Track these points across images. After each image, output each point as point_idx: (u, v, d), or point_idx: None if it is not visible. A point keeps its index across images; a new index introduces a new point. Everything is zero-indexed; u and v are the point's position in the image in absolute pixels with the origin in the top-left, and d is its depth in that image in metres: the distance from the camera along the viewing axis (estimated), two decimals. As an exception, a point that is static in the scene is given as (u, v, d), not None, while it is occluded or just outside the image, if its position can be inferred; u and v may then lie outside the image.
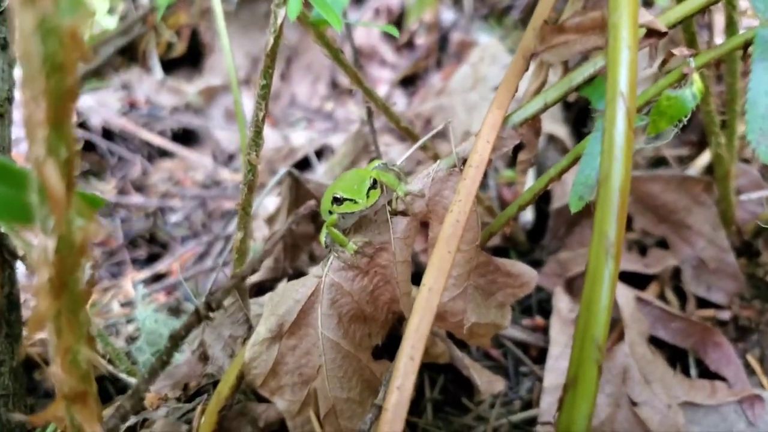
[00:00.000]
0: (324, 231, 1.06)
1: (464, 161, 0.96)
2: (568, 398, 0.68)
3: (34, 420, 0.64)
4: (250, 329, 1.15)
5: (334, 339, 1.05)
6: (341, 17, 1.09)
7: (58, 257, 0.56)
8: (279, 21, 0.83)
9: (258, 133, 0.93)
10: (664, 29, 0.86)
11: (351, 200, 0.96)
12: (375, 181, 0.98)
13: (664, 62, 0.89)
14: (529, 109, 0.97)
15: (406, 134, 1.30)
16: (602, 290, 0.67)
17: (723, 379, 1.32)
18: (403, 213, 1.02)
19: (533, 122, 1.03)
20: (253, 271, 0.71)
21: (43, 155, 0.49)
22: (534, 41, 0.99)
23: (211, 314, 0.68)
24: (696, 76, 0.81)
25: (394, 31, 1.04)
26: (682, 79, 0.84)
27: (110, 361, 1.24)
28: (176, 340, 0.69)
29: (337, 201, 0.98)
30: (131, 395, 0.70)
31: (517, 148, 1.18)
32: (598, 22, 0.91)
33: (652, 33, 0.87)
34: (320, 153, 2.41)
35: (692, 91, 0.80)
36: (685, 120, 0.87)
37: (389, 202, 1.03)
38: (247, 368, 1.05)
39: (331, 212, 1.02)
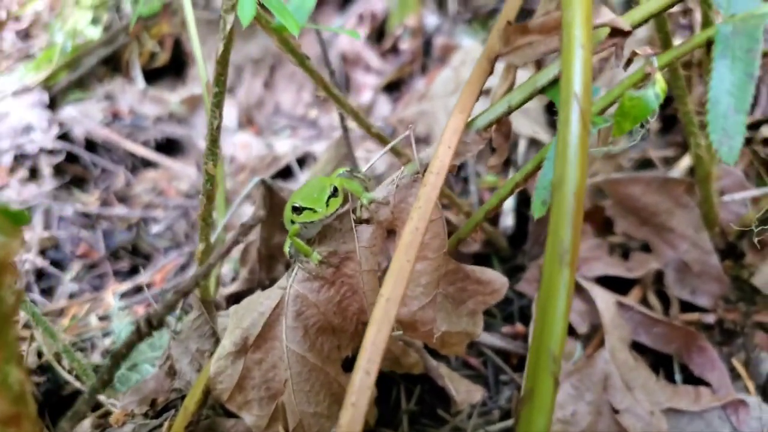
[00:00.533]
0: (288, 241, 1.04)
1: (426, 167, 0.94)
2: (524, 412, 0.65)
3: (-35, 445, 0.61)
4: (217, 342, 1.12)
5: (300, 352, 1.02)
6: (309, 22, 1.07)
7: (-24, 276, 0.53)
8: (228, 27, 0.81)
9: (214, 142, 0.91)
10: (627, 28, 0.83)
11: (310, 209, 0.94)
12: (336, 189, 0.95)
13: (628, 62, 0.87)
14: (492, 113, 0.94)
15: (378, 140, 1.27)
16: (557, 300, 0.64)
17: (707, 384, 1.29)
18: (368, 221, 0.99)
19: (501, 125, 1.00)
20: (195, 285, 0.68)
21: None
22: (498, 43, 0.97)
23: (152, 331, 0.66)
24: (659, 76, 0.78)
25: (356, 35, 1.01)
26: (646, 79, 0.81)
27: (77, 377, 1.22)
28: (117, 359, 0.66)
29: (296, 210, 0.95)
30: (71, 417, 0.67)
31: (489, 153, 1.16)
32: (560, 22, 0.88)
33: (616, 32, 0.84)
34: (303, 161, 2.39)
35: (655, 90, 0.78)
36: (651, 121, 0.84)
37: (354, 210, 1.00)
38: (213, 383, 1.02)
39: (293, 222, 1.00)
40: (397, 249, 0.82)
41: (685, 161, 1.75)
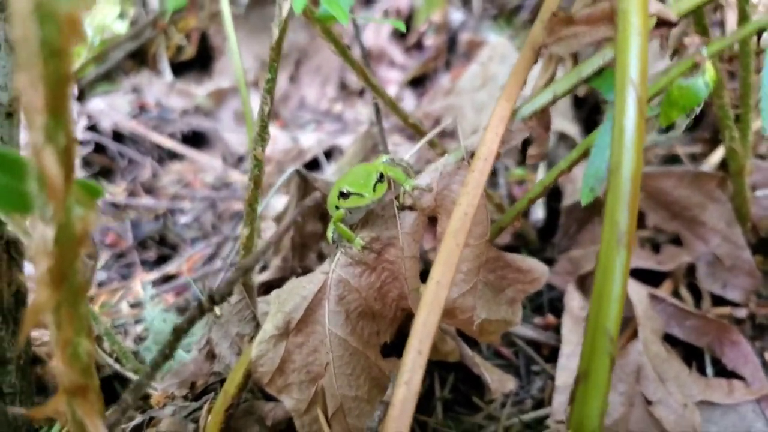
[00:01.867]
0: (331, 227, 1.05)
1: (472, 154, 0.95)
2: (579, 392, 0.66)
3: (35, 414, 0.63)
4: (258, 327, 1.14)
5: (342, 336, 1.03)
6: (349, 14, 1.09)
7: (58, 247, 0.55)
8: (284, 14, 0.82)
9: (264, 128, 0.93)
10: (674, 18, 0.84)
11: (358, 194, 0.95)
12: (382, 175, 0.97)
13: (675, 52, 0.88)
14: (537, 102, 0.95)
15: (415, 131, 1.28)
16: (614, 280, 0.65)
17: (740, 377, 1.29)
18: (411, 208, 1.01)
19: (542, 116, 1.01)
20: (257, 261, 0.70)
21: (41, 142, 0.49)
22: (542, 33, 0.97)
23: (215, 308, 0.67)
24: (708, 65, 0.79)
25: (401, 26, 1.03)
26: (694, 69, 0.82)
27: (117, 360, 1.24)
28: (179, 334, 0.68)
29: (343, 195, 0.97)
30: (133, 389, 0.69)
31: (527, 144, 1.16)
32: (607, 13, 0.89)
33: (662, 23, 0.85)
34: (329, 154, 2.40)
35: (705, 79, 0.78)
36: (697, 111, 0.85)
37: (397, 197, 1.02)
38: (254, 366, 1.04)
39: (337, 207, 1.01)
40: (446, 233, 0.83)
41: (715, 157, 1.75)
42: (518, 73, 0.95)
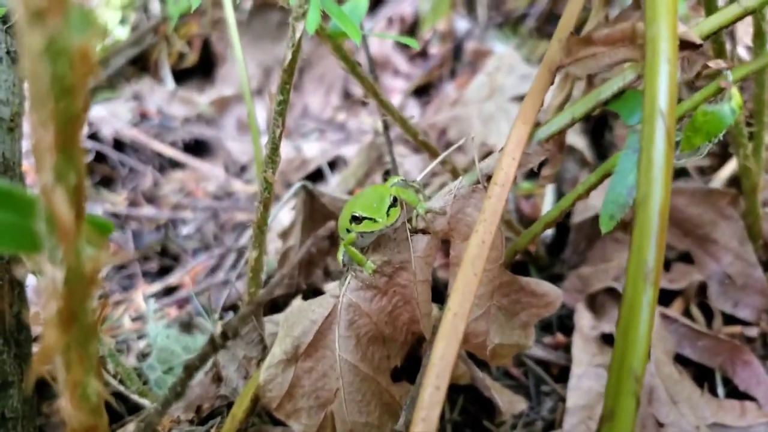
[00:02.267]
0: (341, 249, 1.03)
1: (488, 178, 0.93)
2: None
3: (42, 456, 0.61)
4: (265, 350, 1.12)
5: (352, 361, 1.01)
6: (358, 28, 1.07)
7: (67, 289, 0.52)
8: (297, 35, 0.80)
9: (275, 150, 0.90)
10: (699, 41, 0.82)
11: (370, 219, 0.93)
12: (395, 199, 0.94)
13: (698, 75, 0.85)
14: (555, 124, 0.93)
15: (424, 148, 1.26)
16: (640, 319, 0.63)
17: (753, 399, 1.27)
18: (424, 231, 0.99)
19: (557, 138, 0.99)
20: (271, 295, 0.67)
21: (52, 182, 0.46)
22: (559, 53, 0.95)
23: (227, 343, 0.65)
24: (734, 90, 0.77)
25: (414, 43, 1.00)
26: (718, 94, 0.80)
27: (121, 381, 1.21)
28: (191, 371, 0.66)
29: (356, 220, 0.94)
30: (144, 429, 0.66)
31: (540, 163, 1.15)
32: (627, 34, 0.87)
33: (685, 45, 0.83)
34: (333, 164, 2.38)
35: (731, 106, 0.76)
36: (720, 136, 0.83)
37: (409, 220, 0.99)
38: (262, 391, 1.02)
39: (349, 230, 0.99)
40: (463, 263, 0.81)
41: (725, 172, 1.73)
42: (535, 94, 0.93)
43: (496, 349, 1.05)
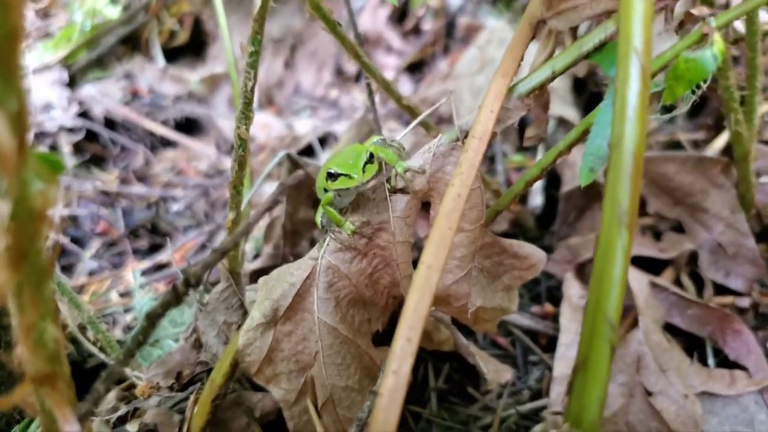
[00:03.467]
0: (320, 210, 1.01)
1: (467, 134, 0.90)
2: (578, 381, 0.62)
3: (0, 403, 0.59)
4: (245, 315, 1.10)
5: (332, 324, 1.00)
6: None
7: (15, 224, 0.51)
8: (266, -19, 0.78)
9: (248, 105, 0.88)
10: (680, -13, 0.79)
11: (346, 175, 0.91)
12: (372, 155, 0.92)
13: (681, 25, 0.83)
14: (535, 78, 0.91)
15: (409, 112, 1.24)
16: (615, 262, 0.61)
17: (742, 368, 1.26)
18: (403, 191, 0.97)
19: (540, 94, 0.97)
20: (236, 243, 0.65)
21: (-11, 106, 0.44)
22: (540, 7, 0.93)
23: (190, 290, 0.63)
24: (717, 36, 0.74)
25: (394, 1, 0.98)
26: (701, 41, 0.78)
27: (102, 350, 1.20)
28: (153, 319, 0.64)
29: (331, 177, 0.92)
30: (105, 378, 0.65)
31: (525, 126, 1.12)
32: (609, -17, 0.85)
33: (667, -8, 0.81)
34: (324, 140, 2.36)
35: (713, 51, 0.74)
36: (704, 87, 0.81)
37: (388, 180, 0.97)
38: (241, 355, 1.00)
39: (326, 190, 0.97)
40: (438, 216, 0.79)
41: (718, 143, 1.71)
42: (515, 48, 0.91)
43: (478, 313, 1.03)
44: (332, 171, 0.92)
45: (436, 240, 0.77)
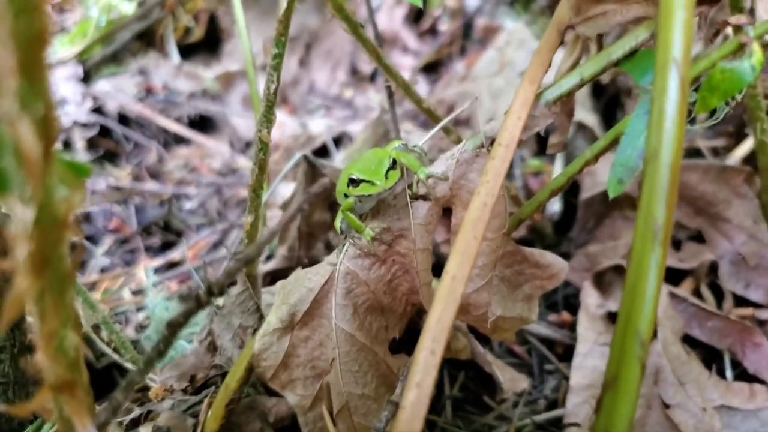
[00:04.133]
0: (339, 216, 1.00)
1: (492, 141, 0.89)
2: (607, 399, 0.61)
3: (18, 411, 0.58)
4: (261, 319, 1.09)
5: (349, 331, 0.98)
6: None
7: (39, 230, 0.49)
8: (293, -18, 0.76)
9: (269, 108, 0.87)
10: (716, -5, 0.78)
11: (368, 182, 0.89)
12: (394, 162, 0.91)
13: (716, 33, 0.81)
14: (563, 86, 0.89)
15: (429, 115, 1.22)
16: (648, 279, 0.59)
17: (762, 381, 1.23)
18: (425, 197, 0.95)
19: (566, 102, 0.95)
20: (259, 252, 0.64)
21: (16, 111, 0.43)
22: (569, 13, 0.91)
23: (213, 300, 0.62)
24: (756, 46, 0.72)
25: (418, 1, 0.96)
26: (738, 51, 0.76)
27: (116, 350, 1.19)
28: (175, 328, 0.63)
29: (353, 182, 0.91)
30: (125, 386, 0.64)
31: (546, 133, 1.11)
32: (641, -10, 0.83)
33: (703, 0, 0.79)
34: (339, 141, 2.35)
35: (751, 62, 0.72)
36: (739, 98, 0.79)
37: (409, 186, 0.96)
38: (257, 360, 0.99)
39: (346, 195, 0.95)
40: (463, 225, 0.77)
41: (739, 152, 1.68)
42: (542, 54, 0.89)
43: (498, 323, 1.02)
44: (354, 177, 0.90)
45: (461, 250, 0.76)
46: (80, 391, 0.61)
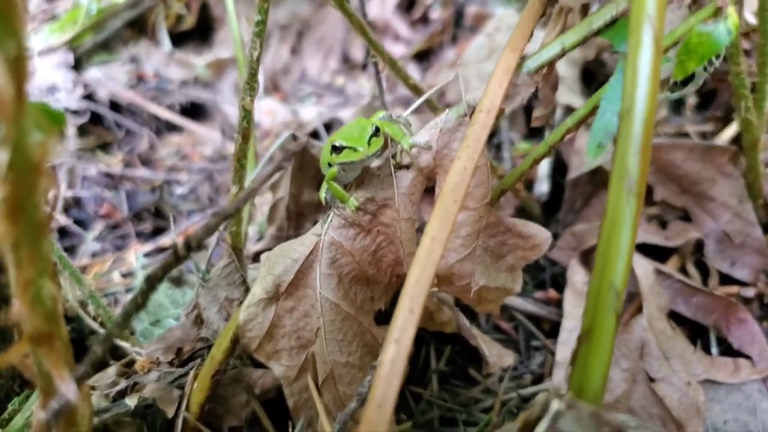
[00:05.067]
0: (324, 186, 1.00)
1: (474, 110, 0.89)
2: (582, 351, 0.61)
3: (-5, 362, 0.58)
4: (247, 292, 1.10)
5: (334, 300, 0.99)
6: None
7: (12, 174, 0.50)
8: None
9: (253, 76, 0.87)
10: (694, -40, 0.78)
11: (351, 148, 0.90)
12: (377, 129, 0.91)
13: (693, 1, 0.82)
14: (545, 54, 0.89)
15: (416, 92, 1.23)
16: (622, 231, 0.60)
17: (746, 357, 1.25)
18: (408, 167, 0.95)
19: (549, 72, 0.96)
20: (237, 209, 0.65)
21: (-12, 48, 0.43)
22: (551, -18, 0.92)
23: (190, 254, 0.63)
24: (731, 9, 0.73)
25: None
26: (715, 15, 0.76)
27: (102, 325, 1.20)
28: (152, 282, 0.63)
29: (336, 150, 0.91)
30: (103, 339, 0.64)
31: (531, 110, 1.11)
32: (621, -43, 0.83)
33: (681, -35, 0.79)
34: (329, 126, 2.35)
35: (727, 25, 0.73)
36: (717, 63, 0.79)
37: (393, 156, 0.96)
38: (242, 331, 0.99)
39: (330, 165, 0.96)
40: (443, 189, 0.78)
41: (726, 134, 1.69)
42: (524, 23, 0.90)
43: (481, 293, 1.02)
44: (337, 144, 0.90)
45: (441, 213, 0.76)
46: (58, 343, 0.61)
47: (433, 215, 0.77)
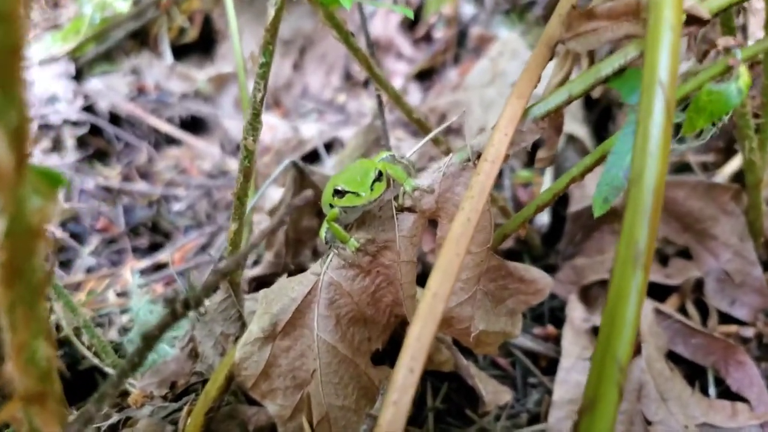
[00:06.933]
0: (324, 225, 0.99)
1: (479, 155, 0.88)
2: (584, 423, 0.60)
3: (-13, 421, 0.57)
4: (243, 326, 1.08)
5: (331, 342, 0.98)
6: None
7: (10, 241, 0.49)
8: (281, -7, 0.76)
9: (256, 116, 0.86)
10: (706, 16, 0.77)
11: (354, 193, 0.89)
12: (380, 173, 0.90)
13: (705, 54, 0.81)
14: (551, 102, 0.89)
15: (419, 126, 1.22)
16: (628, 305, 0.59)
17: (744, 400, 1.23)
18: (410, 209, 0.94)
19: (555, 117, 0.95)
20: (239, 264, 0.63)
21: (-12, 122, 0.42)
22: (559, 28, 0.91)
23: (189, 312, 0.61)
24: (743, 69, 0.72)
25: (410, 13, 0.96)
26: (726, 73, 0.75)
27: (96, 354, 1.18)
28: (150, 341, 0.62)
29: (338, 193, 0.90)
30: (98, 399, 0.63)
31: (536, 146, 1.10)
32: (632, 8, 0.83)
33: (692, 20, 0.79)
34: (330, 146, 2.34)
35: (738, 85, 0.72)
36: (725, 119, 0.79)
37: (395, 197, 0.95)
38: (238, 369, 0.98)
39: (332, 205, 0.95)
40: (446, 241, 0.77)
41: (729, 168, 1.68)
42: (531, 69, 0.89)
43: (481, 337, 1.01)
44: (340, 188, 0.89)
45: (444, 266, 0.75)
46: (51, 402, 0.60)
47: (436, 269, 0.75)
